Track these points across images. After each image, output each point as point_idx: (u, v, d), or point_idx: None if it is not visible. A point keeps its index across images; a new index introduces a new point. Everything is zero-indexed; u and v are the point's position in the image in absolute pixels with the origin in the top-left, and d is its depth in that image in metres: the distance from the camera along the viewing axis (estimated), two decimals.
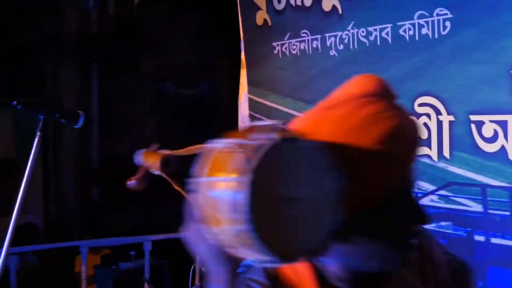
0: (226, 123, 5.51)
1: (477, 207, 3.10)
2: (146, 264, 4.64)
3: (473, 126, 3.12)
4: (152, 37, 6.47)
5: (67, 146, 6.60)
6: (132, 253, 4.89)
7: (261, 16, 4.77)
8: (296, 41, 4.43)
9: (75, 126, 2.84)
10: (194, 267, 4.23)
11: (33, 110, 2.81)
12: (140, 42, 6.43)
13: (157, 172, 1.32)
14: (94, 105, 6.68)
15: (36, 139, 2.78)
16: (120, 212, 6.31)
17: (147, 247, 4.62)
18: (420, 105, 3.39)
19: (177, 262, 4.83)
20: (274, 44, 4.63)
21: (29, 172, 2.76)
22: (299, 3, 4.38)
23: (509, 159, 2.96)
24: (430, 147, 3.31)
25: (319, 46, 4.23)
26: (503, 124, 3.00)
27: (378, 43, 3.77)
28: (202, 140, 1.04)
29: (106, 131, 6.70)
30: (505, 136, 2.98)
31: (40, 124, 2.87)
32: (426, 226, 1.10)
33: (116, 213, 6.35)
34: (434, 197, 3.30)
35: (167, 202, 6.19)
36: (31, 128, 2.78)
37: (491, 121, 3.05)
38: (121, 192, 6.53)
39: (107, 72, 6.62)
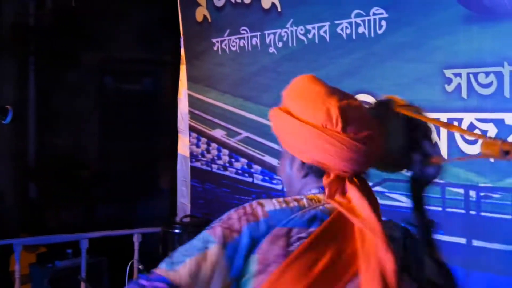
0: (168, 119, 5.46)
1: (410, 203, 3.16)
2: (82, 262, 4.57)
3: None
4: (93, 30, 6.35)
5: (1, 141, 6.43)
6: (69, 251, 4.80)
7: (201, 12, 4.75)
8: (235, 38, 4.43)
9: (4, 122, 2.77)
10: (132, 264, 4.18)
11: None
12: (80, 35, 6.29)
13: None
14: (31, 99, 6.52)
15: None
16: (58, 209, 6.19)
17: (84, 245, 4.55)
18: None
19: (115, 259, 4.76)
20: (214, 40, 4.62)
21: None
22: (239, 0, 4.37)
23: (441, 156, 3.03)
24: None
25: (258, 43, 4.24)
26: None
27: (316, 41, 3.81)
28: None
29: (44, 127, 6.55)
30: (438, 134, 3.04)
31: None
32: None
33: (54, 211, 6.23)
34: None
35: (105, 199, 6.11)
36: None
37: None
38: (59, 189, 6.36)
39: (45, 66, 6.46)
